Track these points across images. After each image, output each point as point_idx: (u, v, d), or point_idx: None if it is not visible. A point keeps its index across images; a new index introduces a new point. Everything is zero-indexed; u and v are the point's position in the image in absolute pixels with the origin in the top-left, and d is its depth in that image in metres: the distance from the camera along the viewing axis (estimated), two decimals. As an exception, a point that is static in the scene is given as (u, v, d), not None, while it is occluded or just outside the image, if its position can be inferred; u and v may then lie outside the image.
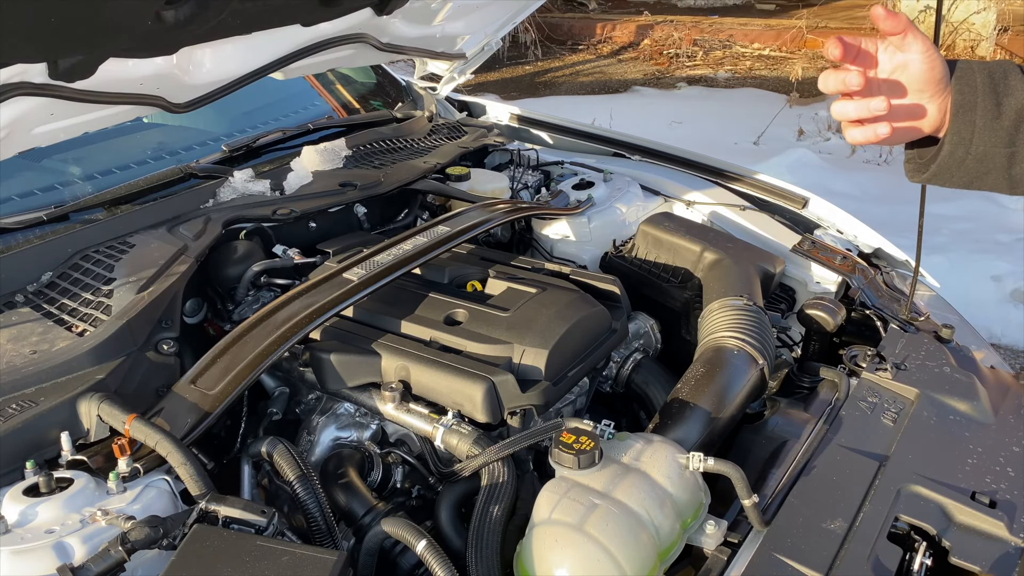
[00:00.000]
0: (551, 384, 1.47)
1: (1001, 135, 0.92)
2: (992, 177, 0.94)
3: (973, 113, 0.93)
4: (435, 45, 2.39)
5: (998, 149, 0.92)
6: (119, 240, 1.75)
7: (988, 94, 0.92)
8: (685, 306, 1.89)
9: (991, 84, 0.93)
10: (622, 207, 2.24)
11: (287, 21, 1.69)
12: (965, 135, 0.93)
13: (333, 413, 1.55)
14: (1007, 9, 7.69)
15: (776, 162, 5.30)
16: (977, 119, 0.92)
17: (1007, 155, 0.92)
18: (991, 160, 0.93)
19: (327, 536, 1.23)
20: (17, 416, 1.27)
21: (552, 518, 1.16)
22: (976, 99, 0.93)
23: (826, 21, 8.87)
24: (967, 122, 0.93)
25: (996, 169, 0.94)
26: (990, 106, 0.92)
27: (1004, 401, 1.59)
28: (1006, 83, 0.92)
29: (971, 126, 0.93)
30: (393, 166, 2.25)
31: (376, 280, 1.59)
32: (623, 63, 8.76)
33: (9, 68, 1.29)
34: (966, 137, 0.93)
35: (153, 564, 1.09)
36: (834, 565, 1.18)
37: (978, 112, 0.92)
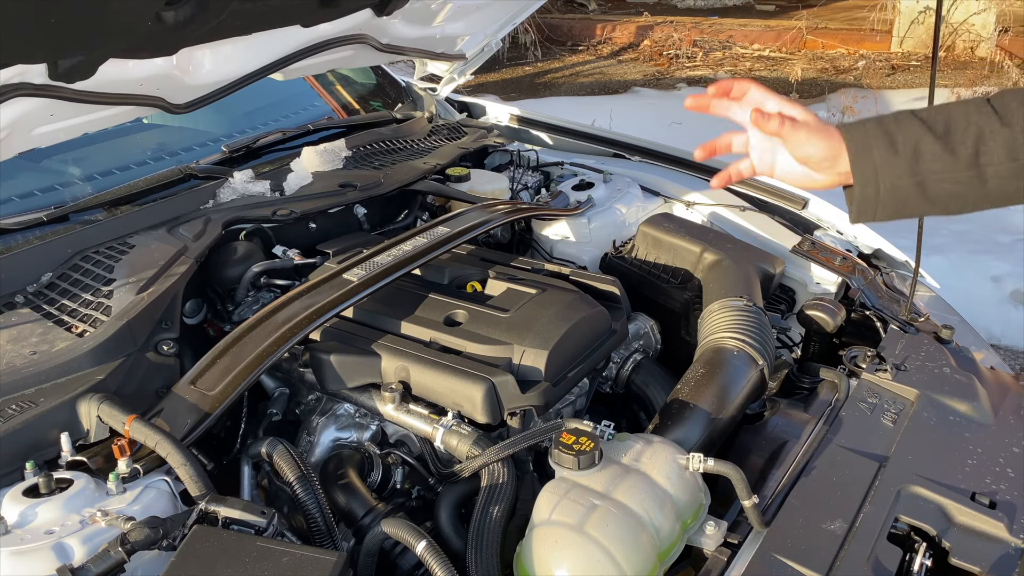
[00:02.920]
0: (551, 385, 1.47)
1: (902, 168, 1.00)
2: (912, 204, 1.02)
3: (869, 153, 1.02)
4: (435, 46, 2.39)
5: (904, 180, 1.00)
6: (119, 241, 1.75)
7: (880, 136, 1.02)
8: (685, 307, 1.89)
9: (881, 128, 1.02)
10: (622, 208, 2.24)
11: (287, 22, 1.69)
12: (868, 174, 1.02)
13: (333, 414, 1.55)
14: (1007, 10, 7.69)
15: (776, 163, 5.29)
16: (875, 158, 1.01)
17: (915, 184, 1.00)
18: (902, 191, 1.01)
19: (327, 537, 1.23)
20: (17, 417, 1.27)
21: (552, 519, 1.16)
22: (869, 142, 1.02)
23: (826, 22, 8.87)
24: (867, 163, 1.02)
25: (912, 197, 1.01)
26: (883, 145, 1.01)
27: (1004, 402, 1.59)
28: (897, 124, 1.02)
29: (872, 166, 1.02)
30: (393, 167, 2.25)
31: (376, 281, 1.59)
32: (623, 64, 8.76)
33: (9, 69, 1.30)
34: (870, 176, 1.02)
35: (153, 565, 1.09)
36: (834, 566, 1.18)
37: (874, 153, 1.01)
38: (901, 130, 1.01)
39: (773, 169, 1.12)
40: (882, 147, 1.01)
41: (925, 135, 0.99)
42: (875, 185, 1.02)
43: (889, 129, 1.01)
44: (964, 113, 0.99)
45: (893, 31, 8.23)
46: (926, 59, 7.83)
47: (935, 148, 0.99)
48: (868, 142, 1.02)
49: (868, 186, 1.02)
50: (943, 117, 1.00)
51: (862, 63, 7.91)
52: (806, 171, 1.08)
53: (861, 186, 1.03)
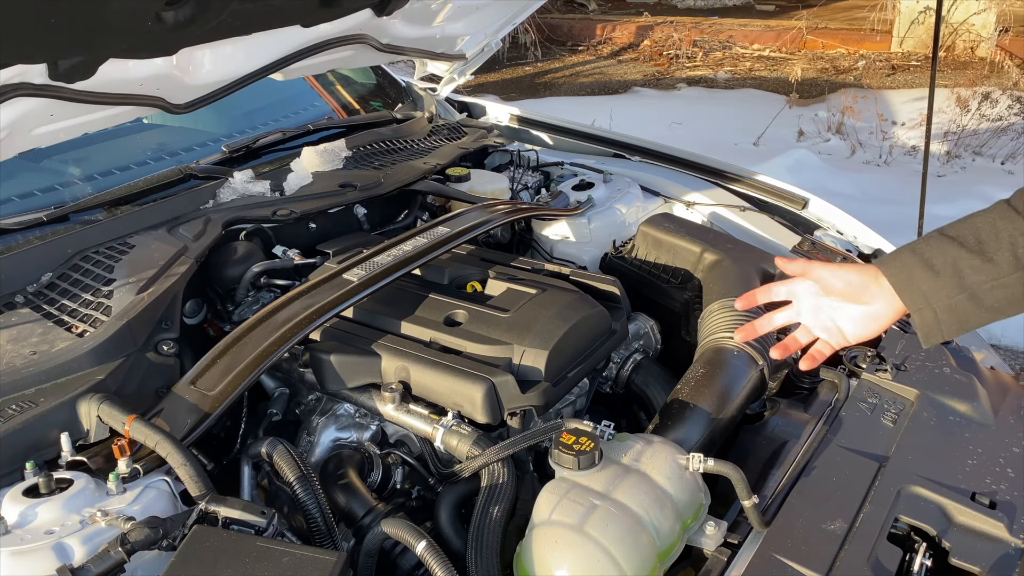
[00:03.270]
0: (551, 385, 1.47)
1: (949, 287, 1.02)
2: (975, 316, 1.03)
3: (913, 283, 1.05)
4: (435, 46, 2.39)
5: (956, 298, 1.02)
6: (119, 241, 1.75)
7: (917, 265, 1.04)
8: (685, 307, 1.89)
9: (916, 256, 1.05)
10: (622, 208, 2.24)
11: (287, 22, 1.69)
12: (921, 302, 1.05)
13: (333, 414, 1.55)
14: (1007, 10, 7.70)
15: (776, 163, 5.30)
16: (920, 286, 1.04)
17: (968, 297, 1.02)
18: (959, 307, 1.03)
19: (327, 537, 1.23)
20: (17, 417, 1.27)
21: (552, 519, 1.16)
22: (910, 272, 1.05)
23: (826, 22, 8.88)
24: (914, 292, 1.05)
25: (971, 310, 1.03)
26: (924, 272, 1.04)
27: (1004, 402, 1.59)
28: (928, 247, 1.05)
29: (920, 294, 1.05)
30: (393, 167, 2.25)
31: (376, 281, 1.59)
32: (623, 64, 8.76)
33: (9, 69, 1.30)
34: (922, 303, 1.05)
35: (153, 565, 1.08)
36: (834, 566, 1.18)
37: (917, 281, 1.04)
38: (935, 253, 1.03)
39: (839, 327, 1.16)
40: (922, 273, 1.04)
41: (960, 252, 1.02)
42: (930, 309, 1.04)
43: (924, 255, 1.04)
44: (990, 223, 1.02)
45: (893, 31, 8.23)
46: (926, 59, 7.84)
47: (974, 262, 1.01)
48: (908, 272, 1.05)
49: (924, 311, 1.05)
50: (971, 231, 1.02)
51: (862, 63, 7.91)
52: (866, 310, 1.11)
53: (917, 313, 1.05)
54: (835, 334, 1.17)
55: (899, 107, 6.62)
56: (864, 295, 1.10)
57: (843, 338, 1.17)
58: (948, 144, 5.80)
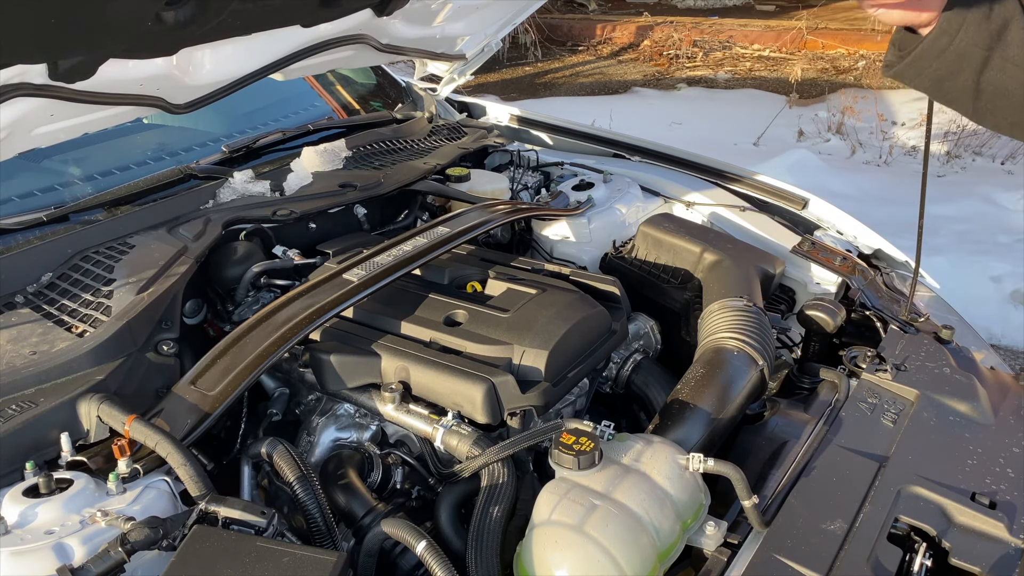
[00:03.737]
0: (551, 385, 1.47)
1: (985, 36, 0.98)
2: (963, 79, 1.00)
3: (967, 7, 0.99)
4: (435, 46, 2.39)
5: (978, 48, 0.98)
6: (119, 241, 1.75)
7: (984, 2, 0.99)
8: (685, 307, 1.89)
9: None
10: (622, 208, 2.24)
11: (287, 22, 1.69)
12: (954, 24, 0.99)
13: (333, 414, 1.55)
14: (1007, 10, 7.68)
15: (776, 163, 5.31)
16: (968, 14, 0.98)
17: (983, 57, 0.98)
18: (968, 58, 0.99)
19: (327, 537, 1.23)
20: (17, 417, 1.27)
21: (552, 519, 1.16)
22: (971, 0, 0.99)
23: (826, 22, 8.87)
24: (959, 13, 0.99)
25: (969, 69, 0.99)
26: (984, 5, 0.98)
27: (1004, 402, 1.59)
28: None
29: (961, 18, 0.99)
30: (393, 167, 2.25)
31: (376, 281, 1.59)
32: (623, 64, 8.76)
33: (9, 69, 1.29)
34: (954, 27, 0.99)
35: (153, 565, 1.09)
36: (834, 566, 1.18)
37: (971, 8, 0.98)
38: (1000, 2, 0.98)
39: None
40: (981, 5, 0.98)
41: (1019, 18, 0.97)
42: (951, 38, 0.99)
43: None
44: None
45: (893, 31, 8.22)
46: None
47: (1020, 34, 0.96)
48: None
49: (943, 37, 0.99)
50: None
51: (862, 63, 7.91)
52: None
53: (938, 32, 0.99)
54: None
55: (899, 107, 6.63)
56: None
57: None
58: (948, 144, 5.80)
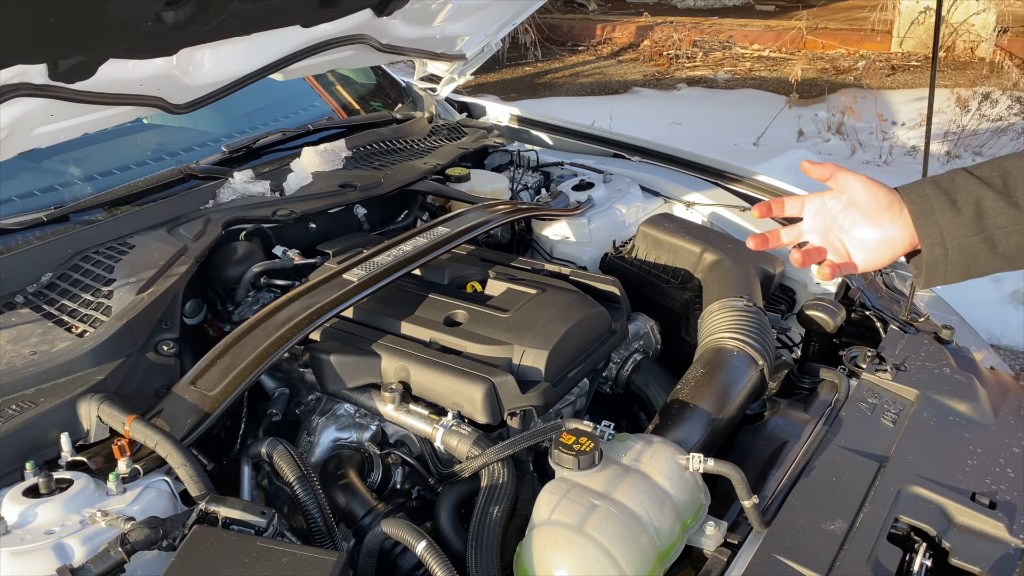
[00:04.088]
0: (551, 385, 1.47)
1: (968, 226, 1.00)
2: (983, 262, 1.02)
3: (933, 216, 1.02)
4: (435, 46, 2.39)
5: (971, 238, 1.00)
6: (119, 241, 1.75)
7: (940, 197, 1.02)
8: (685, 307, 1.89)
9: (939, 190, 1.02)
10: (622, 208, 2.24)
11: (287, 22, 1.69)
12: (935, 236, 1.02)
13: (333, 414, 1.55)
14: (1007, 10, 7.70)
15: (776, 163, 5.30)
16: (939, 220, 1.01)
17: (983, 240, 1.00)
18: (971, 249, 1.01)
19: (327, 537, 1.23)
20: (17, 417, 1.27)
21: (552, 519, 1.16)
22: (931, 205, 1.02)
23: (825, 22, 8.88)
24: (931, 225, 1.02)
25: (982, 255, 1.01)
26: (946, 207, 1.01)
27: (1004, 402, 1.59)
28: (953, 184, 1.02)
29: (936, 228, 1.02)
30: (393, 167, 2.25)
31: (376, 281, 1.59)
32: (623, 64, 8.76)
33: (9, 69, 1.30)
34: (937, 238, 1.02)
35: (153, 565, 1.09)
36: (834, 566, 1.18)
37: (936, 215, 1.02)
38: (959, 189, 1.01)
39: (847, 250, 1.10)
40: (943, 207, 1.01)
41: (985, 191, 0.99)
42: (943, 246, 1.01)
43: (947, 189, 1.01)
44: (1019, 166, 0.99)
45: (893, 31, 8.23)
46: (926, 59, 7.84)
47: (998, 203, 0.98)
48: (929, 204, 1.02)
49: (936, 247, 1.02)
50: (999, 173, 1.00)
51: (862, 63, 7.91)
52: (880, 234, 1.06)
53: (928, 248, 1.02)
54: (842, 257, 1.11)
55: (899, 107, 6.63)
56: (884, 215, 1.05)
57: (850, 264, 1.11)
58: (948, 144, 5.80)
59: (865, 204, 1.07)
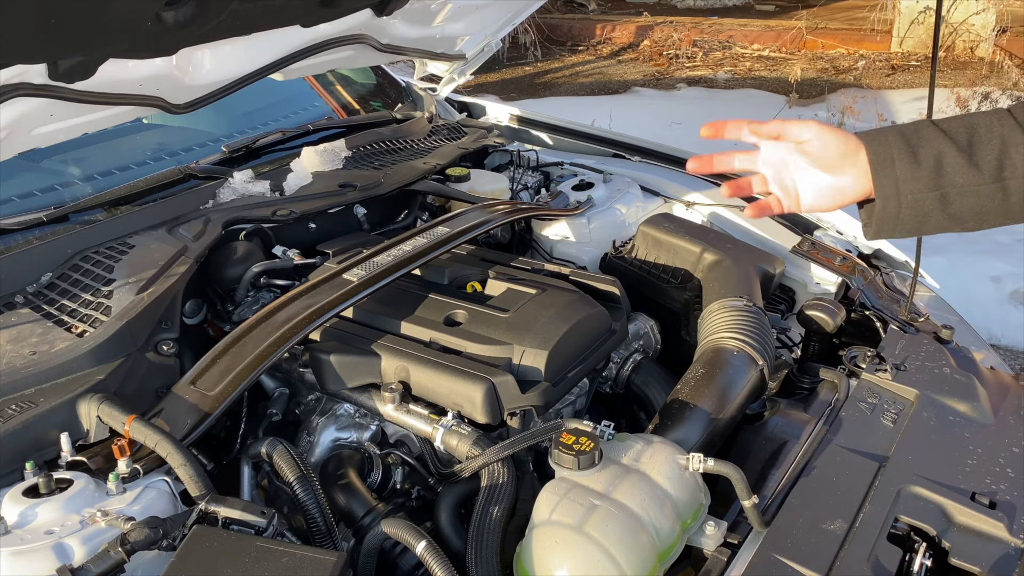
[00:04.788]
0: (551, 385, 1.47)
1: (925, 181, 0.98)
2: (933, 220, 1.01)
3: (892, 167, 1.00)
4: (435, 46, 2.39)
5: (925, 194, 0.99)
6: (119, 241, 1.75)
7: (902, 148, 0.99)
8: (685, 307, 1.89)
9: (903, 139, 1.00)
10: (622, 208, 2.24)
11: (287, 22, 1.69)
12: (890, 189, 1.00)
13: (333, 414, 1.55)
14: (1006, 10, 7.70)
15: (776, 163, 5.29)
16: (897, 171, 0.99)
17: (937, 197, 0.98)
18: (924, 205, 1.00)
19: (327, 537, 1.23)
20: (17, 417, 1.27)
21: (552, 519, 1.16)
22: (892, 154, 1.00)
23: (825, 22, 8.88)
24: (888, 176, 1.00)
25: (934, 213, 1.00)
26: (906, 158, 0.99)
27: (1004, 402, 1.59)
28: (918, 135, 0.99)
29: (893, 179, 1.00)
30: (393, 167, 2.25)
31: (376, 281, 1.59)
32: (623, 64, 8.76)
33: (9, 69, 1.30)
34: (891, 191, 1.00)
35: (153, 565, 1.09)
36: (834, 566, 1.18)
37: (896, 166, 0.99)
38: (923, 142, 0.99)
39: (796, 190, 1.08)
40: (904, 159, 0.99)
41: (948, 147, 0.97)
42: (896, 199, 1.00)
43: (911, 140, 0.99)
44: (987, 125, 0.97)
45: (893, 31, 8.23)
46: (926, 59, 7.84)
47: (958, 161, 0.96)
48: (890, 153, 1.00)
49: (889, 200, 1.00)
50: (965, 129, 0.98)
51: (862, 63, 7.91)
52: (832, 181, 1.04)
53: (882, 200, 1.01)
54: (791, 196, 1.10)
55: (899, 107, 6.63)
56: (837, 164, 1.03)
57: (797, 203, 1.10)
58: (948, 144, 5.79)
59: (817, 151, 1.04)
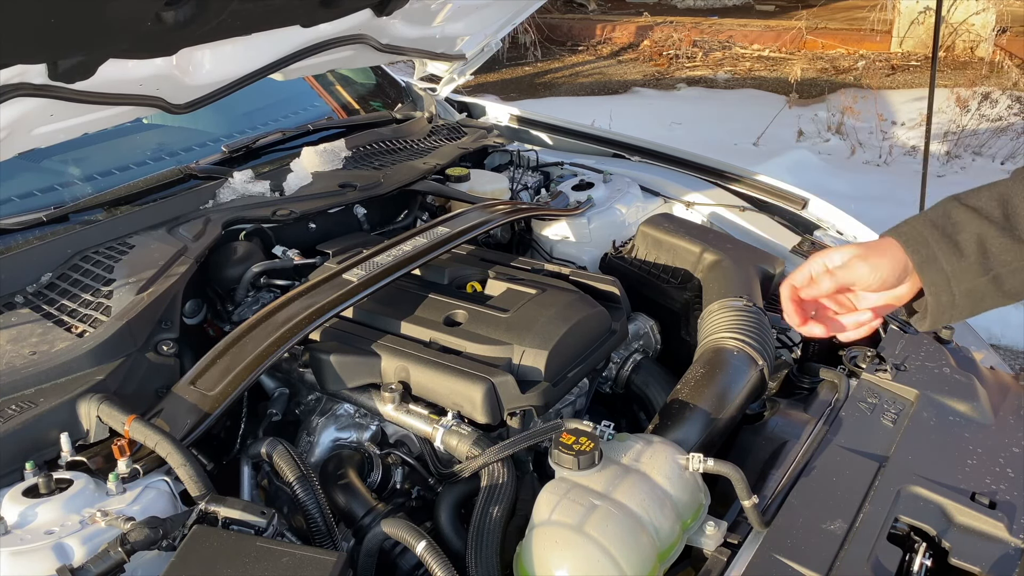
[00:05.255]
0: (551, 385, 1.47)
1: (974, 269, 0.96)
2: (990, 300, 0.98)
3: (937, 263, 0.97)
4: (435, 46, 2.39)
5: (979, 281, 0.96)
6: (119, 241, 1.75)
7: (941, 241, 0.97)
8: (685, 307, 1.89)
9: (938, 231, 0.98)
10: (622, 208, 2.24)
11: (287, 22, 1.69)
12: (941, 284, 0.98)
13: (333, 414, 1.55)
14: (1006, 10, 7.70)
15: (776, 163, 5.31)
16: (944, 267, 0.97)
17: (990, 280, 0.96)
18: (979, 291, 0.97)
19: (327, 537, 1.23)
20: (17, 417, 1.27)
21: (552, 519, 1.16)
22: (933, 252, 0.98)
23: (825, 22, 8.88)
24: (937, 273, 0.98)
25: (989, 295, 0.98)
26: (949, 251, 0.97)
27: (1004, 402, 1.59)
28: (951, 222, 0.97)
29: (942, 275, 0.98)
30: (393, 167, 2.25)
31: (376, 281, 1.59)
32: (623, 64, 8.76)
33: (9, 69, 1.30)
34: (943, 286, 0.98)
35: (153, 565, 1.08)
36: (834, 566, 1.18)
37: (941, 262, 0.97)
38: (959, 228, 0.97)
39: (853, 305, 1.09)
40: (947, 252, 0.97)
41: (987, 228, 0.95)
42: (949, 293, 0.98)
43: (946, 230, 0.97)
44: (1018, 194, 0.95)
45: (893, 31, 8.24)
46: (926, 59, 7.84)
47: (1002, 241, 0.94)
48: (931, 251, 0.98)
49: (942, 295, 0.98)
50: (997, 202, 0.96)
51: (862, 63, 7.92)
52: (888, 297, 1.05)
53: (935, 296, 0.99)
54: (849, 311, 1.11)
55: (899, 107, 6.63)
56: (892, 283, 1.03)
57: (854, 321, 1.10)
58: (948, 144, 5.80)
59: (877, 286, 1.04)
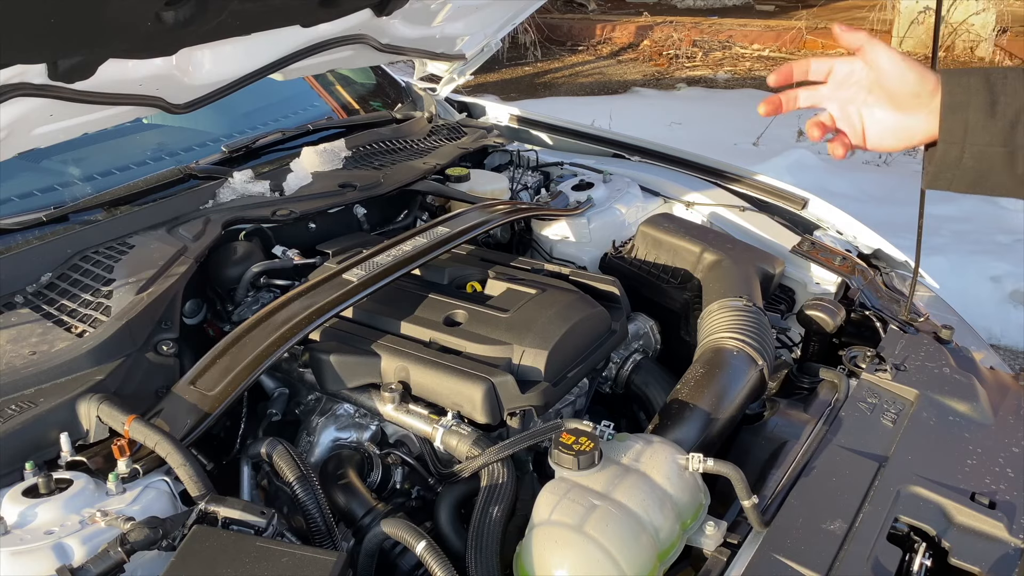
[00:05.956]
0: (551, 385, 1.47)
1: (996, 135, 0.91)
2: (995, 177, 0.94)
3: (964, 111, 0.92)
4: (435, 46, 2.39)
5: (995, 148, 0.91)
6: (118, 241, 1.75)
7: (982, 93, 0.91)
8: (684, 307, 1.89)
9: (987, 85, 0.92)
10: (622, 208, 2.24)
11: (287, 22, 1.69)
12: (957, 134, 0.93)
13: (333, 414, 1.55)
14: (1006, 10, 7.70)
15: (776, 163, 5.31)
16: (969, 117, 0.92)
17: (1006, 154, 0.91)
18: (989, 159, 0.92)
19: (326, 537, 1.23)
20: (16, 417, 1.27)
21: (552, 519, 1.16)
22: (968, 98, 0.92)
23: (825, 22, 8.87)
24: (958, 121, 0.92)
25: (997, 169, 0.92)
26: (983, 105, 0.91)
27: (1003, 402, 1.59)
28: (1004, 84, 0.91)
29: (963, 124, 0.92)
30: (393, 167, 2.25)
31: (376, 281, 1.59)
32: (623, 64, 8.76)
33: (9, 69, 1.30)
34: (958, 136, 0.93)
35: (152, 565, 1.08)
36: (834, 566, 1.18)
37: (970, 110, 0.92)
38: (1007, 91, 0.90)
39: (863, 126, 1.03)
40: (980, 106, 0.91)
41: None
42: (960, 146, 0.92)
43: (994, 87, 0.91)
44: None
45: (893, 31, 8.23)
46: (926, 59, 7.81)
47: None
48: (966, 97, 0.92)
49: (953, 146, 0.93)
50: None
51: (862, 63, 7.90)
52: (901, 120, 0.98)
53: (945, 144, 0.93)
54: (857, 133, 1.05)
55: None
56: (910, 103, 0.96)
57: (863, 140, 1.04)
58: (948, 144, 5.79)
59: (892, 86, 0.97)
